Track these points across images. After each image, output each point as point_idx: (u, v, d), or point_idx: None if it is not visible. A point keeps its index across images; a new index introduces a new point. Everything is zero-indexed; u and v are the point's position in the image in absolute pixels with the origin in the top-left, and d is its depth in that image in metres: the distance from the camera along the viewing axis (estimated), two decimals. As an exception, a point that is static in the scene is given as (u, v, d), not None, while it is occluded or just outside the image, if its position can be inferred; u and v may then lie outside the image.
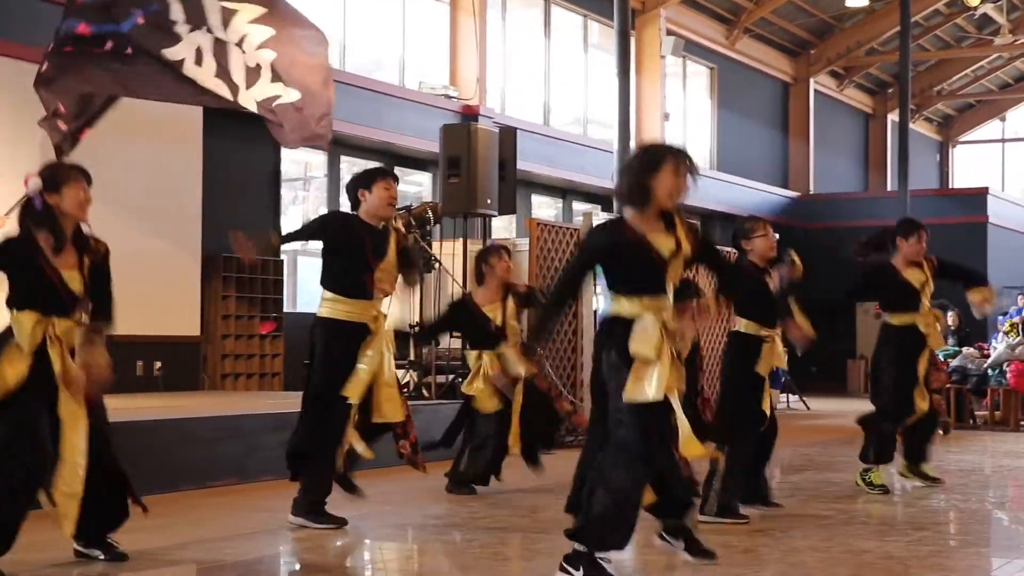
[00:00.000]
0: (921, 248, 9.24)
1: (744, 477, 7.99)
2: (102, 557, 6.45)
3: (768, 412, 8.09)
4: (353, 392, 7.42)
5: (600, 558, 5.91)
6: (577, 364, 13.34)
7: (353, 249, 7.58)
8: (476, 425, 9.47)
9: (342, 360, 7.48)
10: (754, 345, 8.07)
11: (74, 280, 6.30)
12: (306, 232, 8.25)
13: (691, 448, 6.17)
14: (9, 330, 6.25)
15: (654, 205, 5.99)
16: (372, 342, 7.52)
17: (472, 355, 9.57)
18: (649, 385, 5.93)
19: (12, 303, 6.29)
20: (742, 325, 8.14)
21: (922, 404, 9.25)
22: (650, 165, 6.05)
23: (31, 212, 6.33)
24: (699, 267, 7.30)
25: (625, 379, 5.93)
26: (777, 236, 8.12)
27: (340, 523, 7.51)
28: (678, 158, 6.06)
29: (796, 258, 8.54)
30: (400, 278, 7.90)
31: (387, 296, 7.80)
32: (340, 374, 7.44)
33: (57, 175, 6.42)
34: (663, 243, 6.00)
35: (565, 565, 5.96)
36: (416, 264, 8.39)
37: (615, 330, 6.04)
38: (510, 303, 9.48)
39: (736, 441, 7.88)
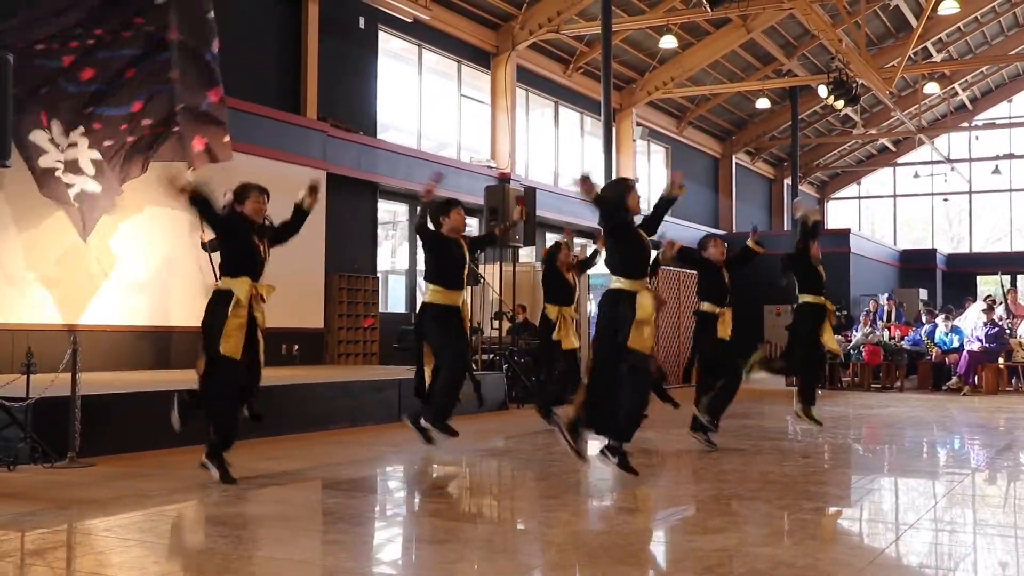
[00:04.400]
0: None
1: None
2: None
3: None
4: None
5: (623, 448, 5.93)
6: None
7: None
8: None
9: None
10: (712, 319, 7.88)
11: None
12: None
13: None
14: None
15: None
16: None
17: (554, 309, 9.30)
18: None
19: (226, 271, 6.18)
20: (704, 306, 7.96)
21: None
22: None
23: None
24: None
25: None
26: (726, 245, 8.01)
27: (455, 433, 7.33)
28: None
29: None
30: None
31: None
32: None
33: (242, 192, 6.32)
34: None
35: (606, 453, 5.98)
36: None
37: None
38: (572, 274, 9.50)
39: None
